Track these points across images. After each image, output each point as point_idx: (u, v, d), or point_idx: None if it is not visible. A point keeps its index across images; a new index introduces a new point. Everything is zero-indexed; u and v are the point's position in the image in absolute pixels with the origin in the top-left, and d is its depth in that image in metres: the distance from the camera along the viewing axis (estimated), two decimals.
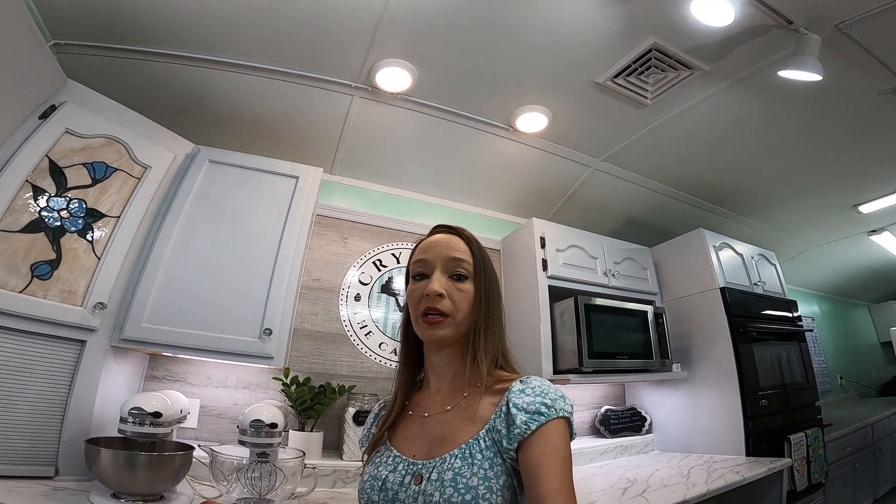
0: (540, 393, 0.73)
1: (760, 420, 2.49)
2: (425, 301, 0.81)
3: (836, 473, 3.11)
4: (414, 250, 0.92)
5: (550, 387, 0.75)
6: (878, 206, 3.31)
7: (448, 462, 0.71)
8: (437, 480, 0.69)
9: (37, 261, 1.40)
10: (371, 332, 2.39)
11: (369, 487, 0.78)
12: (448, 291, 0.82)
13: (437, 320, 0.80)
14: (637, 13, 1.71)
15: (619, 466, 2.39)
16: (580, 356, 2.25)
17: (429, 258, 0.86)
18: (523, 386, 0.75)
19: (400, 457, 0.79)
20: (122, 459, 1.28)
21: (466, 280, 0.84)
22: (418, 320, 0.83)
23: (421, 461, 0.75)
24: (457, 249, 0.86)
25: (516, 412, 0.71)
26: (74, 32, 1.73)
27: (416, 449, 0.79)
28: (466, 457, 0.71)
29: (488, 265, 0.88)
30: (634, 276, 2.81)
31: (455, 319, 0.81)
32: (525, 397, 0.72)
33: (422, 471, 0.73)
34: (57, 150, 1.50)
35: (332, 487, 1.80)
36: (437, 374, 0.87)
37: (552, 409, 0.70)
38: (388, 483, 0.76)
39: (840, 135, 2.45)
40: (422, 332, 0.83)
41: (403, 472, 0.76)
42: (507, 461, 0.70)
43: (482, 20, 1.77)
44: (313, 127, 2.28)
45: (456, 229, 0.92)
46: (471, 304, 0.83)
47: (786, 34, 1.72)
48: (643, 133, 2.44)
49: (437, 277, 0.83)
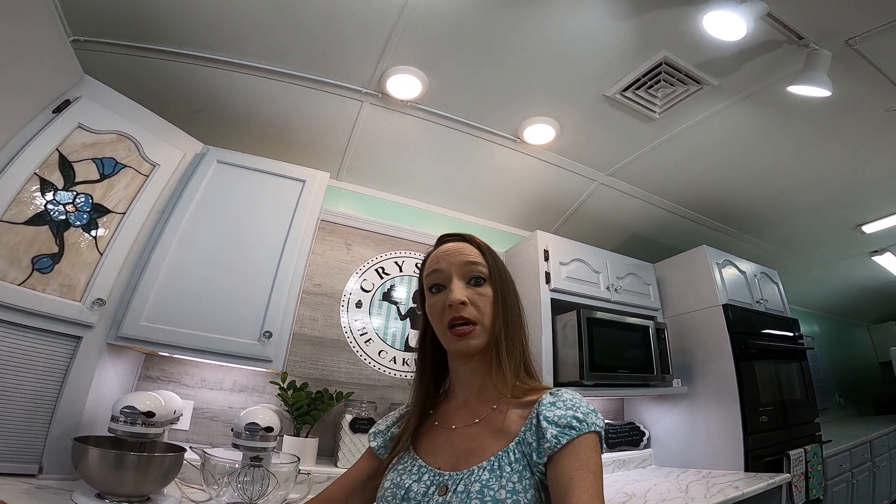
0: (571, 406, 0.71)
1: (760, 436, 2.49)
2: (449, 312, 0.79)
3: (835, 489, 3.12)
4: (424, 263, 0.90)
5: (582, 400, 0.73)
6: (880, 227, 3.33)
7: (476, 474, 0.69)
8: (464, 492, 0.68)
9: (39, 254, 1.38)
10: (371, 340, 2.37)
11: (391, 495, 0.76)
12: (470, 298, 0.80)
13: (467, 331, 0.78)
14: (649, 27, 1.73)
15: (616, 480, 2.37)
16: (581, 369, 2.23)
17: (443, 268, 0.84)
18: (554, 399, 0.73)
19: (426, 467, 0.77)
20: (111, 459, 1.25)
21: (485, 283, 0.83)
22: (446, 334, 0.80)
23: (447, 472, 0.73)
24: (469, 254, 0.84)
25: (547, 426, 0.69)
26: (94, 29, 1.74)
27: (442, 461, 0.77)
28: (495, 469, 0.69)
29: (502, 267, 0.86)
30: (637, 291, 2.81)
31: (484, 325, 0.79)
32: (556, 410, 0.70)
33: (448, 482, 0.71)
34: (68, 145, 1.50)
35: None
36: (463, 385, 0.85)
37: (584, 423, 0.68)
38: (412, 493, 0.73)
39: (846, 152, 2.46)
40: (452, 346, 0.81)
41: (428, 482, 0.74)
42: (535, 475, 0.68)
43: (493, 31, 1.79)
44: (322, 131, 2.29)
45: (465, 236, 0.90)
46: (492, 306, 0.81)
47: (796, 50, 1.74)
48: (650, 148, 2.45)
49: (456, 286, 0.81)
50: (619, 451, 2.73)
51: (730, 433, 2.48)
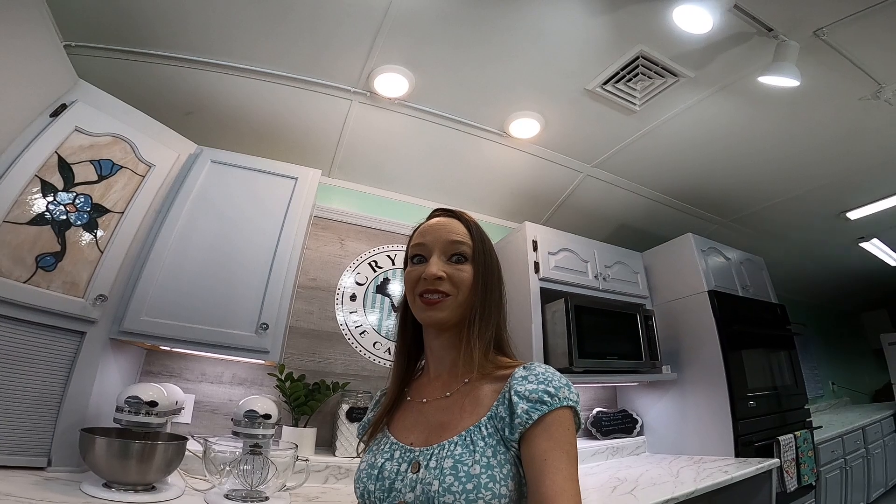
0: (544, 380, 0.69)
1: (749, 422, 2.52)
2: (422, 284, 0.79)
3: (828, 476, 3.16)
4: (413, 234, 0.89)
5: (555, 374, 0.71)
6: (864, 213, 3.36)
7: (448, 449, 0.68)
8: (437, 468, 0.66)
9: (42, 252, 1.44)
10: (366, 332, 2.43)
11: (366, 476, 0.75)
12: (448, 273, 0.79)
13: (435, 301, 0.78)
14: (624, 22, 1.79)
15: (610, 467, 2.41)
16: (570, 356, 2.27)
17: (427, 241, 0.83)
18: (526, 372, 0.71)
19: (397, 444, 0.76)
20: (116, 448, 1.31)
21: (465, 262, 0.81)
22: (415, 301, 0.80)
23: (419, 448, 0.72)
24: (455, 232, 0.83)
25: (517, 400, 0.67)
26: (85, 34, 1.79)
27: (415, 436, 0.76)
28: (468, 444, 0.67)
29: (488, 248, 0.85)
30: (625, 279, 2.85)
31: (456, 300, 0.78)
32: (527, 384, 0.68)
33: (419, 458, 0.70)
34: (66, 147, 1.55)
35: (324, 483, 1.83)
36: (436, 359, 0.84)
37: (556, 397, 0.66)
38: (385, 471, 0.72)
39: (824, 141, 2.52)
40: (420, 314, 0.81)
41: (400, 459, 0.73)
42: (511, 450, 0.66)
43: (476, 30, 1.85)
44: (313, 130, 2.35)
45: (455, 212, 0.89)
46: (470, 285, 0.80)
47: (766, 41, 1.79)
48: (633, 139, 2.51)
49: (435, 261, 0.80)
50: (613, 438, 2.76)
51: (719, 419, 2.52)
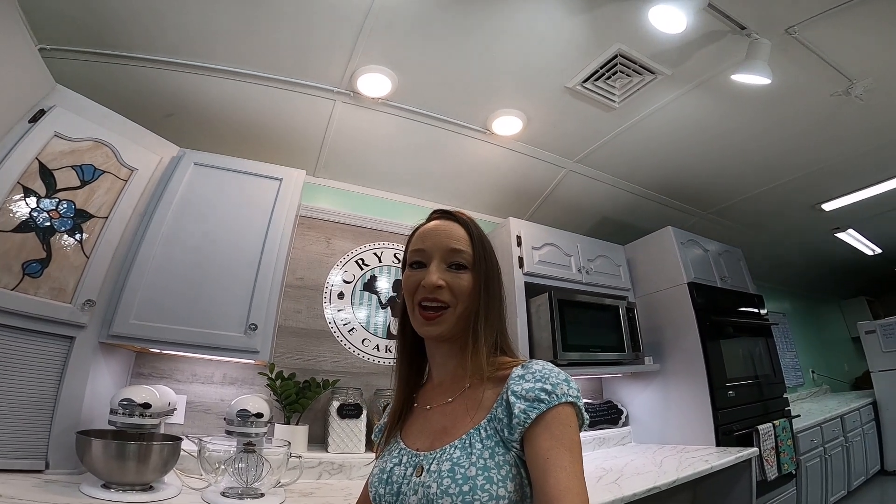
0: (540, 378, 0.68)
1: (728, 411, 2.59)
2: (422, 291, 0.79)
3: (808, 465, 3.23)
4: (411, 237, 0.88)
5: (553, 370, 0.70)
6: (839, 204, 3.46)
7: (447, 453, 0.69)
8: (436, 471, 0.67)
9: (28, 259, 1.44)
10: (354, 329, 2.46)
11: (377, 480, 0.78)
12: (448, 281, 0.79)
13: (433, 315, 0.78)
14: (602, 21, 1.83)
15: (596, 457, 2.46)
16: (555, 349, 2.33)
17: (427, 247, 0.82)
18: (524, 371, 0.71)
19: (405, 449, 0.78)
20: (113, 449, 1.33)
21: (465, 270, 0.80)
22: (414, 311, 0.80)
23: (423, 453, 0.74)
24: (456, 238, 0.82)
25: (515, 400, 0.67)
26: (60, 37, 1.77)
27: (421, 442, 0.78)
28: (466, 447, 0.68)
29: (488, 250, 0.85)
30: (608, 272, 2.92)
31: (455, 311, 0.78)
32: (524, 384, 0.68)
33: (422, 462, 0.72)
34: (46, 153, 1.54)
35: (318, 479, 1.86)
36: (438, 366, 0.85)
37: (553, 394, 0.65)
38: (394, 476, 0.75)
39: (797, 136, 2.59)
40: (419, 329, 0.80)
41: (407, 464, 0.75)
42: (512, 451, 0.66)
43: (457, 29, 1.87)
44: (297, 131, 2.35)
45: (455, 215, 0.88)
46: (469, 294, 0.79)
47: (740, 39, 1.85)
48: (613, 135, 2.56)
49: (435, 268, 0.79)
50: (599, 429, 2.82)
51: (700, 409, 2.59)
